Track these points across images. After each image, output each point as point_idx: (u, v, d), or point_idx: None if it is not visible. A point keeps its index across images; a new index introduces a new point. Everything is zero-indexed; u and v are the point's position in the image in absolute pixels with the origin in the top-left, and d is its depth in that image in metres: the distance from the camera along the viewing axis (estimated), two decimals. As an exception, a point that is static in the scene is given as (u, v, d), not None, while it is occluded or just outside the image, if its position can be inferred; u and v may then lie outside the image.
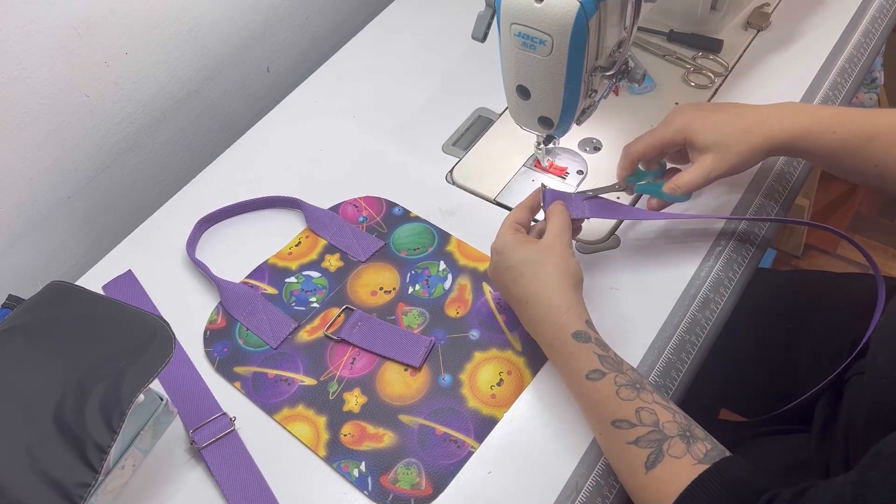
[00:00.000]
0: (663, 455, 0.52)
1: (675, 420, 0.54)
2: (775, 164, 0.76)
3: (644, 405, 0.54)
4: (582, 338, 0.58)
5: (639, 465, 0.52)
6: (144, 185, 0.90)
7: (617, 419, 0.54)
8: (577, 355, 0.57)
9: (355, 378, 0.66)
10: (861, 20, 0.87)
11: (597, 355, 0.57)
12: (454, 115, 0.86)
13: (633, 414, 0.54)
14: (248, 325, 0.70)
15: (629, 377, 0.56)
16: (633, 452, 0.53)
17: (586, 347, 0.57)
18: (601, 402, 0.56)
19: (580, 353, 0.57)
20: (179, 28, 0.84)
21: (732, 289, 0.69)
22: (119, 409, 0.55)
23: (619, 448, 0.54)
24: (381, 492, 0.60)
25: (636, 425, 0.53)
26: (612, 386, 0.55)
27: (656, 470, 0.52)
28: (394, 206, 0.79)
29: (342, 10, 1.05)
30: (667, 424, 0.53)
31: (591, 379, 0.56)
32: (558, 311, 0.59)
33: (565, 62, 0.62)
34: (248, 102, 0.98)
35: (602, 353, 0.57)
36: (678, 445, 0.52)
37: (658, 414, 0.54)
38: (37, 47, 0.72)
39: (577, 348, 0.57)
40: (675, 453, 0.52)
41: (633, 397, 0.55)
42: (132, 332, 0.59)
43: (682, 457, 0.51)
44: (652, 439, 0.53)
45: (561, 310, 0.59)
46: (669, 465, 0.51)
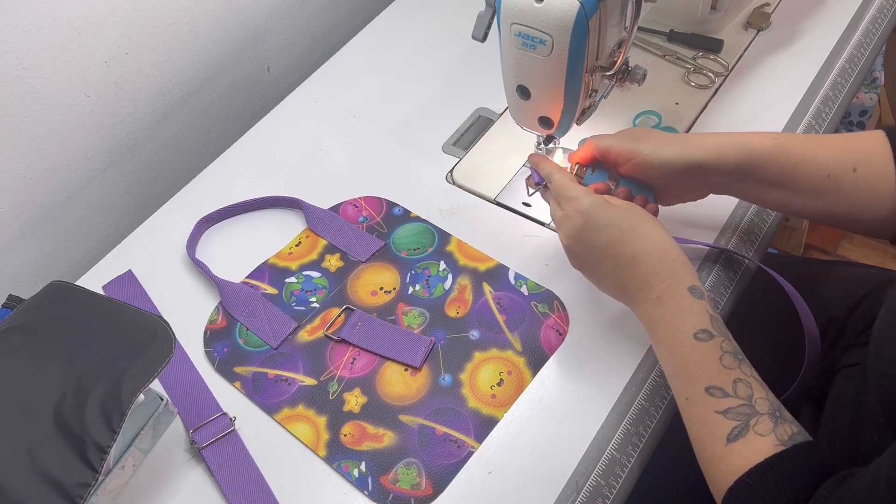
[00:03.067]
0: (748, 429, 0.51)
1: (768, 398, 0.52)
2: None
3: (742, 377, 0.53)
4: (697, 293, 0.56)
5: (721, 437, 0.51)
6: (144, 185, 0.90)
7: (713, 386, 0.53)
8: (691, 311, 0.55)
9: (355, 378, 0.66)
10: (861, 20, 0.87)
11: (709, 315, 0.55)
12: (454, 115, 0.86)
13: (730, 384, 0.52)
14: (249, 325, 0.70)
15: (733, 345, 0.54)
16: (719, 422, 0.52)
17: (700, 304, 0.55)
18: (702, 365, 0.54)
19: (693, 309, 0.55)
20: (179, 28, 0.84)
21: (732, 289, 0.69)
22: (119, 409, 0.55)
23: (705, 416, 0.53)
24: (381, 492, 0.60)
25: (730, 395, 0.52)
26: (717, 351, 0.54)
27: (737, 443, 0.51)
28: (394, 206, 0.79)
29: (342, 10, 1.05)
30: (759, 401, 0.52)
31: (699, 339, 0.54)
32: (674, 263, 0.57)
33: (565, 62, 0.62)
34: (248, 102, 0.98)
35: (713, 314, 0.55)
36: (766, 423, 0.51)
37: (753, 389, 0.53)
38: (37, 47, 0.72)
39: (692, 304, 0.55)
40: (760, 430, 0.51)
41: (735, 367, 0.53)
42: (132, 332, 0.59)
43: (766, 435, 0.50)
44: (742, 412, 0.51)
45: (677, 262, 0.57)
46: (752, 440, 0.50)
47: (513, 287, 0.70)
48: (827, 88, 0.81)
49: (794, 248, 1.53)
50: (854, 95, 0.84)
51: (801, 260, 0.91)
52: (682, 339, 0.55)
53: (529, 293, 0.70)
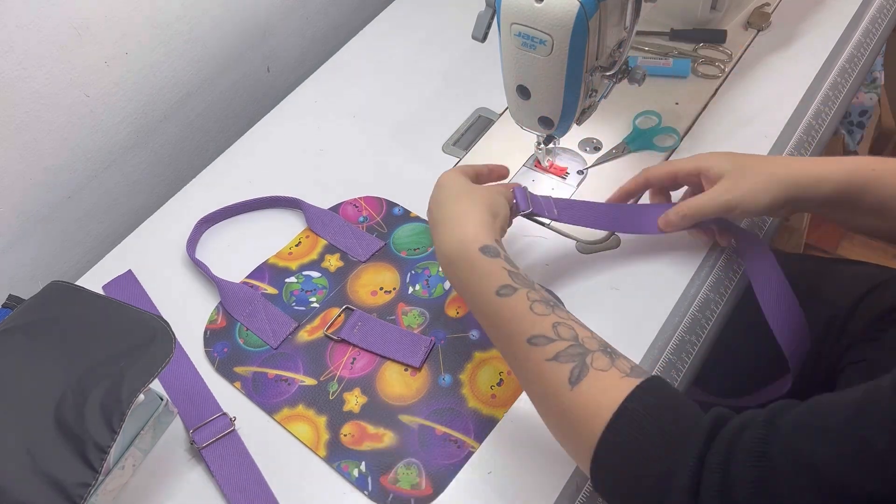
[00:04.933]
0: (588, 368, 0.49)
1: (594, 336, 0.52)
2: None
3: (560, 320, 0.52)
4: (490, 252, 0.55)
5: (562, 382, 0.49)
6: (144, 185, 0.90)
7: (533, 335, 0.51)
8: (486, 270, 0.55)
9: (355, 378, 0.66)
10: (861, 20, 0.87)
11: (507, 271, 0.54)
12: (454, 115, 0.86)
13: (551, 328, 0.51)
14: (249, 325, 0.70)
15: (541, 294, 0.53)
16: (555, 369, 0.50)
17: (495, 262, 0.55)
18: (514, 319, 0.52)
19: (489, 268, 0.55)
20: (179, 28, 0.84)
21: (732, 289, 0.69)
22: (119, 409, 0.55)
23: (537, 368, 0.51)
24: (382, 492, 0.60)
25: (554, 340, 0.51)
26: (525, 301, 0.53)
27: (582, 384, 0.49)
28: (394, 205, 0.79)
29: (342, 10, 1.05)
30: (586, 339, 0.51)
31: (501, 295, 0.53)
32: (466, 225, 0.57)
33: (565, 62, 0.62)
34: (248, 102, 0.98)
35: (512, 270, 0.55)
36: (601, 359, 0.50)
37: (576, 329, 0.52)
38: (37, 47, 0.72)
39: (486, 263, 0.55)
40: (599, 366, 0.49)
41: (549, 312, 0.52)
42: (132, 332, 0.59)
43: (607, 370, 0.49)
44: (573, 353, 0.50)
45: (470, 225, 0.57)
46: (596, 378, 0.49)
47: (513, 287, 0.70)
48: (827, 88, 0.81)
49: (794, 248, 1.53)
50: (854, 95, 0.84)
51: (801, 258, 0.91)
52: (486, 300, 0.54)
53: None
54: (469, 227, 0.57)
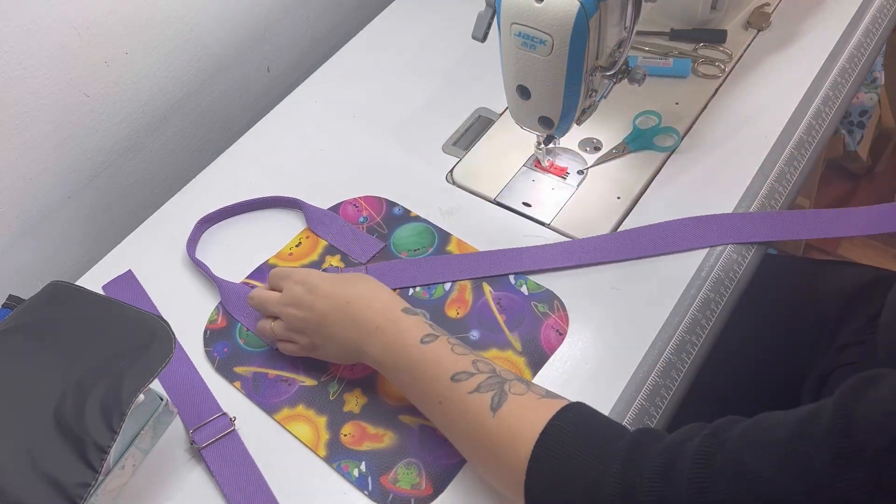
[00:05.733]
0: (507, 394, 0.53)
1: (510, 371, 0.56)
2: (775, 166, 0.75)
3: (478, 358, 0.57)
4: (410, 311, 0.60)
5: (484, 410, 0.53)
6: (144, 185, 0.90)
7: (455, 373, 0.55)
8: (409, 326, 0.59)
9: (356, 378, 0.66)
10: (861, 20, 0.87)
11: (427, 324, 0.59)
12: (454, 115, 0.86)
13: (471, 364, 0.56)
14: (249, 325, 0.70)
15: (458, 339, 0.59)
16: (477, 400, 0.54)
17: (416, 318, 0.60)
18: (437, 361, 0.57)
19: (412, 323, 0.59)
20: (179, 28, 0.84)
21: (732, 289, 0.69)
22: (119, 409, 0.55)
23: (461, 403, 0.55)
24: (382, 492, 0.60)
25: (474, 374, 0.55)
26: (446, 345, 0.57)
27: (503, 409, 0.53)
28: (394, 205, 0.79)
29: (342, 10, 1.05)
30: (503, 372, 0.56)
31: (425, 342, 0.58)
32: (382, 295, 0.62)
33: (565, 62, 0.62)
34: (248, 102, 0.98)
35: (431, 323, 0.60)
36: (518, 385, 0.54)
37: (492, 364, 0.56)
38: (37, 47, 0.72)
39: (408, 320, 0.59)
40: (517, 391, 0.53)
41: (468, 353, 0.57)
42: (132, 332, 0.59)
43: (524, 393, 0.53)
44: (492, 383, 0.54)
45: (384, 293, 0.62)
46: (515, 402, 0.53)
47: (513, 287, 0.70)
48: (827, 88, 0.81)
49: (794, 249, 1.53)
50: (854, 95, 0.84)
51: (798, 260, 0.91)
52: (410, 351, 0.58)
53: (529, 293, 0.70)
54: (385, 295, 0.62)
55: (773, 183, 0.75)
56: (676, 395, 0.63)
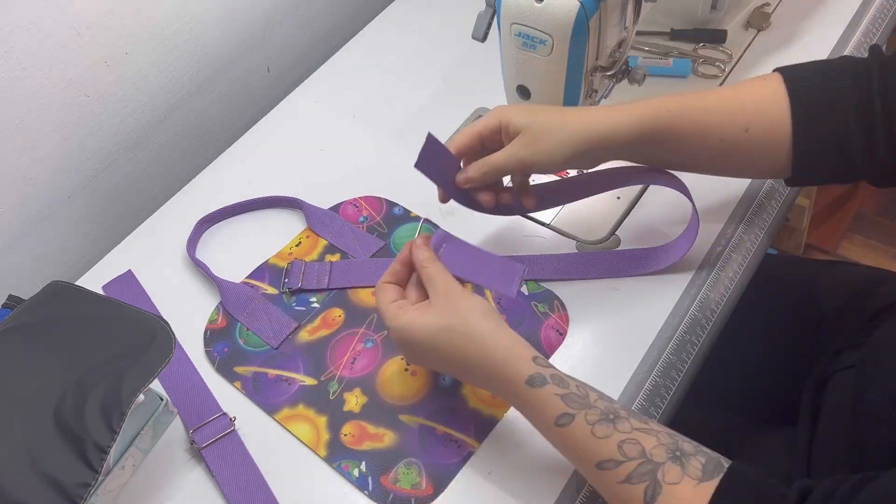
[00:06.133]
0: (661, 485, 0.48)
1: (661, 442, 0.50)
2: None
3: (625, 437, 0.50)
4: (537, 382, 0.52)
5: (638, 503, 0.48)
6: (144, 185, 0.90)
7: (601, 461, 0.50)
8: (539, 404, 0.52)
9: (356, 378, 0.66)
10: (861, 20, 0.87)
11: (558, 396, 0.52)
12: (454, 115, 0.86)
13: (616, 450, 0.50)
14: (249, 325, 0.70)
15: (599, 409, 0.51)
16: (628, 491, 0.49)
17: (545, 392, 0.52)
18: (578, 447, 0.51)
19: (542, 402, 0.52)
20: (179, 28, 0.84)
21: (732, 289, 0.69)
22: (119, 409, 0.55)
23: (612, 489, 0.50)
24: (382, 492, 0.60)
25: (622, 462, 0.49)
26: (585, 427, 0.51)
27: (657, 502, 0.48)
28: (394, 205, 0.79)
29: (342, 10, 1.05)
30: (654, 451, 0.49)
31: (560, 425, 0.51)
32: (497, 365, 0.54)
33: (565, 62, 0.62)
34: (248, 102, 0.98)
35: (563, 392, 0.52)
36: (673, 471, 0.48)
37: (642, 442, 0.50)
38: (37, 47, 0.72)
39: (537, 397, 0.52)
40: (671, 479, 0.48)
41: (611, 432, 0.50)
42: (132, 332, 0.59)
43: (679, 482, 0.48)
44: (643, 472, 0.48)
45: (499, 363, 0.54)
46: (670, 493, 0.48)
47: (513, 287, 0.70)
48: (827, 88, 0.81)
49: (794, 249, 1.53)
50: (854, 95, 0.84)
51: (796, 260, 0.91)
52: (548, 430, 0.53)
53: (529, 293, 0.70)
54: (501, 366, 0.54)
55: (773, 183, 0.75)
56: (676, 395, 0.63)
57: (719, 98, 0.61)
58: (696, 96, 0.62)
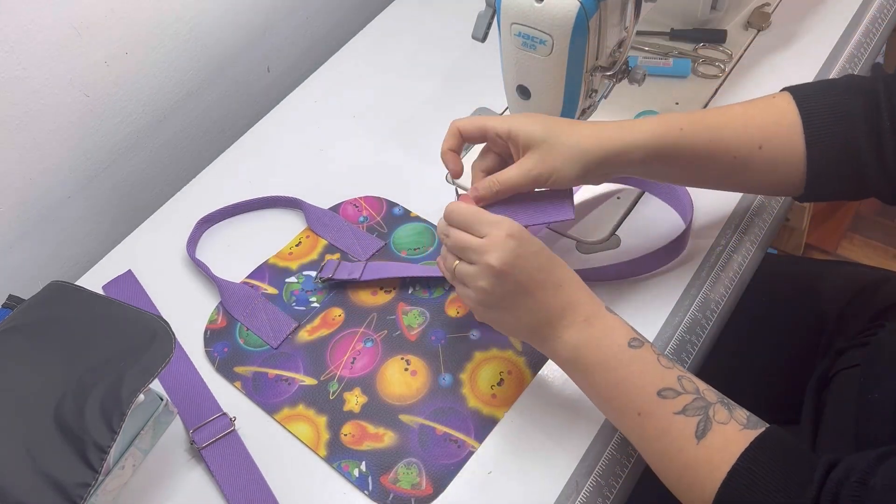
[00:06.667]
0: (711, 422, 0.50)
1: (710, 388, 0.53)
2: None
3: (683, 374, 0.53)
4: (612, 310, 0.57)
5: (689, 436, 0.50)
6: (144, 185, 0.90)
7: (664, 388, 0.52)
8: (615, 325, 0.55)
9: (356, 378, 0.66)
10: (861, 20, 0.87)
11: (629, 325, 0.56)
12: (454, 115, 0.85)
13: (677, 381, 0.52)
14: (249, 324, 0.70)
15: (659, 349, 0.55)
16: (683, 423, 0.51)
17: (619, 319, 0.56)
18: (645, 371, 0.53)
19: (617, 323, 0.55)
20: (179, 28, 0.84)
21: (732, 289, 0.69)
22: (119, 409, 0.55)
23: (665, 423, 0.52)
24: (382, 491, 0.60)
25: (682, 393, 0.52)
26: (653, 353, 0.54)
27: (708, 437, 0.50)
28: (394, 205, 0.79)
29: (342, 10, 1.05)
30: (706, 391, 0.52)
31: (633, 346, 0.54)
32: (585, 288, 0.57)
33: (565, 62, 0.62)
34: (248, 102, 0.98)
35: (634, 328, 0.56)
36: (722, 412, 0.51)
37: (695, 381, 0.53)
38: (37, 47, 0.72)
39: (614, 319, 0.56)
40: (720, 419, 0.50)
41: (672, 365, 0.54)
42: (132, 332, 0.59)
43: (727, 423, 0.50)
44: (698, 406, 0.51)
45: (586, 288, 0.57)
46: (719, 432, 0.50)
47: (513, 287, 0.70)
48: (827, 88, 0.81)
49: (794, 249, 1.53)
50: (854, 95, 0.84)
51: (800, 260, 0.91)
52: (617, 353, 0.54)
53: None
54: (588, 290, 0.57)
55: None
56: (676, 394, 0.63)
57: (731, 115, 0.61)
58: (709, 113, 0.62)
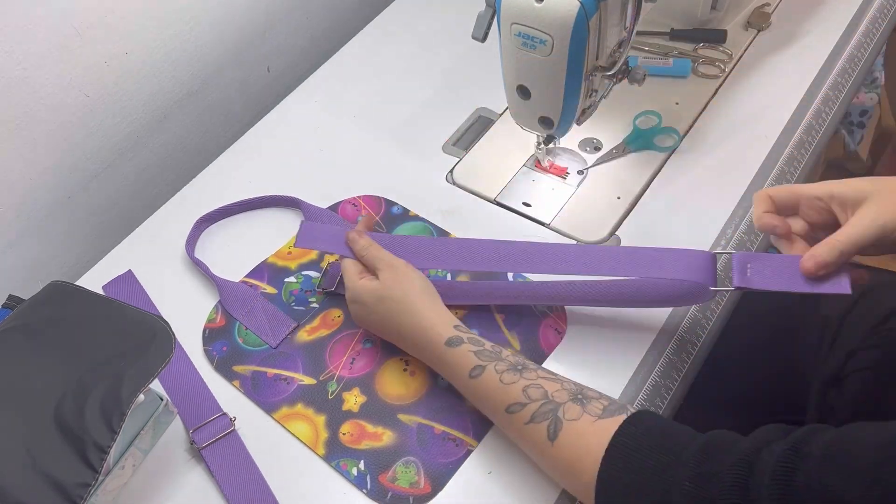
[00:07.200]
0: (561, 421, 0.53)
1: (564, 388, 0.55)
2: None
3: (529, 383, 0.56)
4: (454, 343, 0.59)
5: (542, 441, 0.53)
6: (144, 185, 0.90)
7: (509, 405, 0.56)
8: (456, 361, 0.59)
9: (355, 378, 0.66)
10: (861, 20, 0.87)
11: (473, 353, 0.59)
12: (454, 115, 0.86)
13: (521, 394, 0.55)
14: (248, 324, 0.70)
15: (509, 362, 0.57)
16: (533, 430, 0.54)
17: (461, 350, 0.59)
18: (489, 395, 0.57)
19: (457, 358, 0.59)
20: (179, 28, 0.84)
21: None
22: (119, 409, 0.55)
23: (519, 433, 0.56)
24: (380, 490, 0.60)
25: (527, 403, 0.55)
26: (493, 375, 0.57)
27: (559, 438, 0.53)
28: (393, 205, 0.79)
29: (342, 10, 1.05)
30: (556, 394, 0.55)
31: (473, 377, 0.58)
32: (425, 330, 0.61)
33: (565, 62, 0.62)
34: (248, 102, 0.98)
35: (477, 349, 0.59)
36: (572, 409, 0.53)
37: (545, 386, 0.55)
38: (37, 47, 0.72)
39: (454, 354, 0.59)
40: (571, 416, 0.53)
41: (517, 379, 0.56)
42: (132, 332, 0.59)
43: (578, 418, 0.53)
44: (545, 411, 0.54)
45: (426, 328, 0.61)
46: (570, 429, 0.52)
47: (512, 287, 0.70)
48: (827, 88, 0.81)
49: (794, 249, 1.52)
50: (854, 95, 0.84)
51: None
52: (464, 384, 0.59)
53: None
54: (427, 330, 0.61)
55: (773, 183, 0.75)
56: (676, 395, 0.63)
57: None
58: None
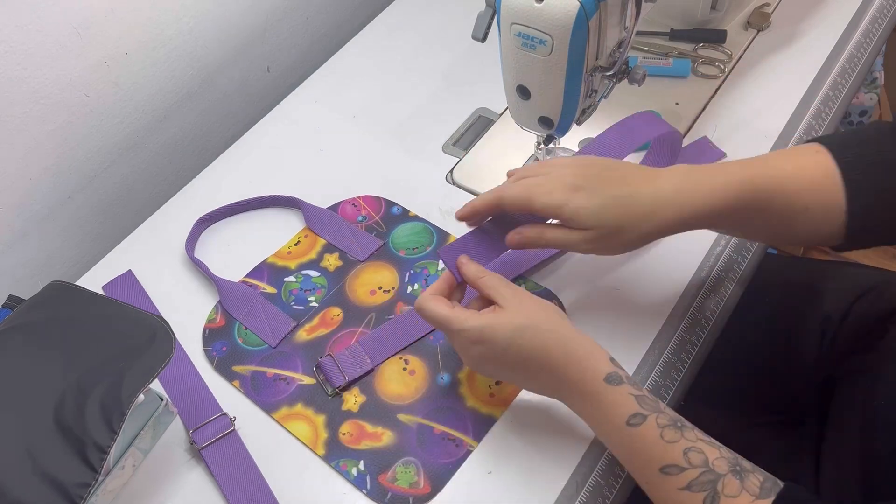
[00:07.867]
0: (719, 496, 0.49)
1: (723, 455, 0.51)
2: None
3: (690, 445, 0.51)
4: (614, 380, 0.54)
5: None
6: (144, 185, 0.90)
7: (666, 465, 0.51)
8: (614, 401, 0.53)
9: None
10: (861, 20, 0.87)
11: (633, 397, 0.53)
12: (454, 115, 0.86)
13: (682, 456, 0.51)
14: (247, 323, 0.70)
15: (669, 416, 0.53)
16: (688, 498, 0.50)
17: (621, 390, 0.53)
18: (645, 449, 0.52)
19: (616, 399, 0.53)
20: (179, 28, 0.84)
21: (733, 289, 0.69)
22: (119, 409, 0.55)
23: (671, 496, 0.51)
24: (380, 490, 0.60)
25: (686, 468, 0.50)
26: (655, 429, 0.52)
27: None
28: (392, 205, 0.79)
29: (342, 10, 1.05)
30: (716, 462, 0.50)
31: (632, 425, 0.52)
32: (579, 361, 0.55)
33: (565, 62, 0.62)
34: (248, 102, 0.98)
35: (638, 394, 0.53)
36: (732, 483, 0.49)
37: (706, 452, 0.51)
38: (37, 47, 0.72)
39: (612, 394, 0.53)
40: (730, 492, 0.49)
41: (678, 438, 0.51)
42: (132, 332, 0.59)
43: (738, 495, 0.49)
44: (704, 481, 0.49)
45: (581, 359, 0.55)
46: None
47: (512, 287, 0.70)
48: (827, 88, 0.81)
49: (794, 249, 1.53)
50: (854, 95, 0.84)
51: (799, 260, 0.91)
52: (617, 429, 0.53)
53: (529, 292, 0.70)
54: (582, 361, 0.54)
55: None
56: (676, 395, 0.63)
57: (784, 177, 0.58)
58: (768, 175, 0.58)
